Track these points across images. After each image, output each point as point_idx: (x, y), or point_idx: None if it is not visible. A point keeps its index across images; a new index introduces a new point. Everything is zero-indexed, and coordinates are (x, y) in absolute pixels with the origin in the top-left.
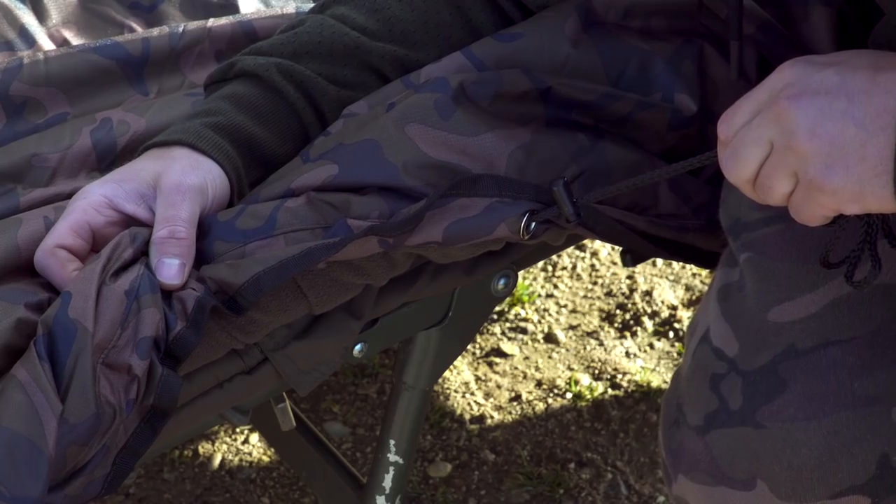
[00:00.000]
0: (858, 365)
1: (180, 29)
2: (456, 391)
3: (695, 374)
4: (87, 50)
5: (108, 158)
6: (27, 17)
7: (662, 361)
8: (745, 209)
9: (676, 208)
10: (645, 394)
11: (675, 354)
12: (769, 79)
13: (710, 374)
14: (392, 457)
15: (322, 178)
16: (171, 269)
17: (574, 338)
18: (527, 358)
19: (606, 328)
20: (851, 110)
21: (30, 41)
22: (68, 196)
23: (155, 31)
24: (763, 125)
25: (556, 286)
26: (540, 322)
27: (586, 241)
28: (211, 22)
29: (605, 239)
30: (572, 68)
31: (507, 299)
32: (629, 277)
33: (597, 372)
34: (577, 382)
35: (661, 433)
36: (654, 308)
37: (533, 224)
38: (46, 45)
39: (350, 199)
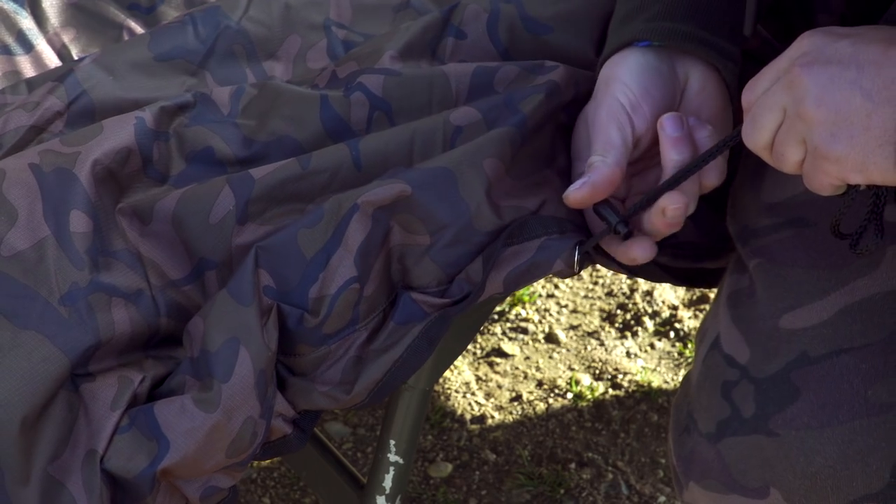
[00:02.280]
0: (871, 372)
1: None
2: (457, 391)
3: (706, 381)
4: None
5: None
6: (26, 22)
7: (663, 361)
8: (753, 216)
9: (697, 238)
10: (646, 394)
11: (675, 354)
12: (790, 48)
13: (721, 381)
14: (392, 457)
15: (394, 193)
16: None
17: (575, 338)
18: (527, 358)
19: (607, 328)
20: (860, 80)
21: (28, 46)
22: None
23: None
24: (778, 92)
25: (556, 286)
26: (541, 322)
27: None
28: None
29: (630, 272)
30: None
31: (508, 299)
32: (630, 277)
33: (597, 372)
34: (577, 382)
35: (672, 440)
36: (655, 308)
37: (578, 255)
38: (45, 49)
39: (405, 265)
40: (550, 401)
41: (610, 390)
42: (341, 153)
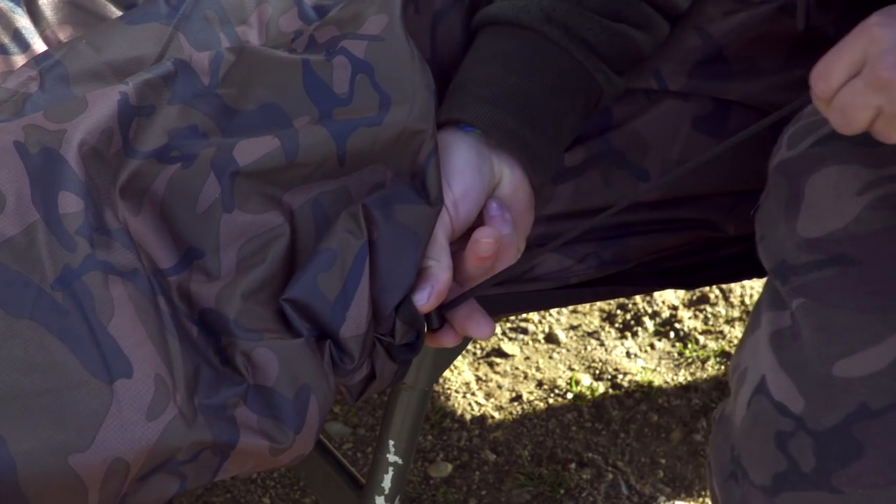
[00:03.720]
0: None
1: None
2: (457, 391)
3: (755, 427)
4: None
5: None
6: (22, 21)
7: (663, 361)
8: (790, 251)
9: (559, 264)
10: (646, 394)
11: (675, 355)
12: (859, 38)
13: (774, 430)
14: (391, 457)
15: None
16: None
17: (575, 338)
18: (527, 358)
19: (607, 328)
20: None
21: (24, 45)
22: None
23: None
24: (867, 94)
25: None
26: (541, 322)
27: None
28: None
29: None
30: None
31: None
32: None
33: (597, 372)
34: (577, 382)
35: (715, 484)
36: (655, 308)
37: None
38: (41, 48)
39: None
40: (550, 401)
41: (610, 390)
42: (328, 149)
